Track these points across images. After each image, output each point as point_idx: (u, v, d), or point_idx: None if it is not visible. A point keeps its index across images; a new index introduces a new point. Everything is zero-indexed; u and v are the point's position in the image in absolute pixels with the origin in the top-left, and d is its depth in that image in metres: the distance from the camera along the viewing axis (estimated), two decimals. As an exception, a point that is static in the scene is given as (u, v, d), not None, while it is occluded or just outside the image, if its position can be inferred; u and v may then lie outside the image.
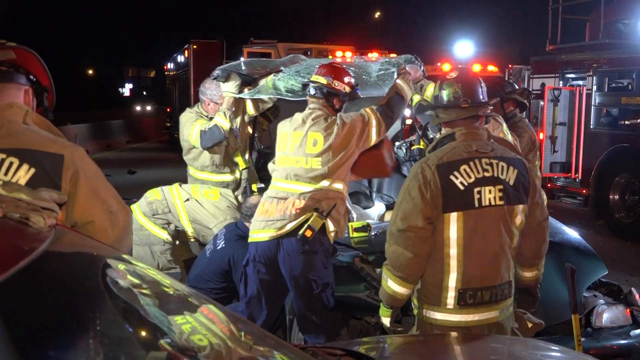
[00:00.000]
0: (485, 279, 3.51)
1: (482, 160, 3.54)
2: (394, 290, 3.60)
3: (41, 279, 1.91)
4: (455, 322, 3.52)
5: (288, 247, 4.46)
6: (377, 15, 47.57)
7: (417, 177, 3.54)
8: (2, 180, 2.50)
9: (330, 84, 4.73)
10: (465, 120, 3.68)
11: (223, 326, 2.39)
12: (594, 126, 11.46)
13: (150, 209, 5.67)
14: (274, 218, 4.51)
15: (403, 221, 3.51)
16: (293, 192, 4.55)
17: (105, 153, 25.36)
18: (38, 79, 2.91)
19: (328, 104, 4.76)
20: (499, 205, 3.52)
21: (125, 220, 2.84)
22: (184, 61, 24.63)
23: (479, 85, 3.76)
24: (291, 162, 4.62)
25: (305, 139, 4.60)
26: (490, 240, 3.52)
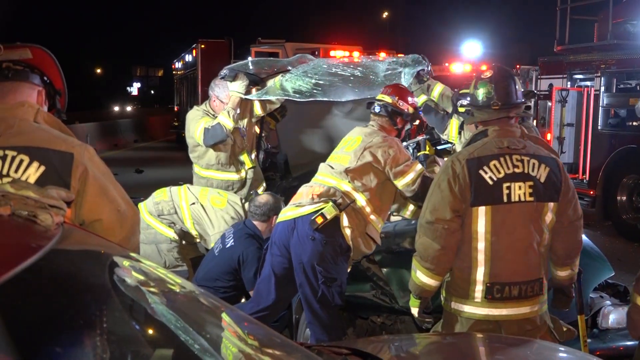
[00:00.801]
0: (514, 274, 3.56)
1: (512, 157, 3.59)
2: (422, 281, 3.68)
3: (48, 276, 1.92)
4: (482, 316, 3.58)
5: (301, 231, 4.53)
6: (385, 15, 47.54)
7: (447, 171, 3.62)
8: (13, 177, 2.51)
9: (395, 103, 4.90)
10: (498, 120, 3.73)
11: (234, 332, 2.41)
12: (601, 127, 11.42)
13: (157, 209, 5.69)
14: (297, 202, 4.67)
15: (432, 213, 3.59)
16: (319, 182, 4.73)
17: (113, 152, 25.41)
18: (52, 81, 2.94)
19: (391, 122, 4.91)
20: (528, 201, 3.56)
21: (133, 219, 2.85)
22: (191, 60, 24.65)
23: (513, 86, 3.77)
24: (331, 158, 4.86)
25: (353, 139, 4.82)
26: (518, 236, 3.57)
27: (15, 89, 2.80)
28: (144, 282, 2.28)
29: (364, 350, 2.76)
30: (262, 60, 6.67)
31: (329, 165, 4.81)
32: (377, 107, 4.92)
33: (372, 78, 5.66)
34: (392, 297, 4.78)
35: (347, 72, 5.77)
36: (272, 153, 7.49)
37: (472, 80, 3.95)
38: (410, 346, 3.33)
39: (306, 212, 4.55)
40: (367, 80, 5.65)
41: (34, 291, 1.84)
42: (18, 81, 2.82)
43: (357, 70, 5.77)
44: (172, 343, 2.10)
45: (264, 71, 5.98)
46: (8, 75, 2.80)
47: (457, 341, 3.38)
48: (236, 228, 5.35)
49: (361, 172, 4.64)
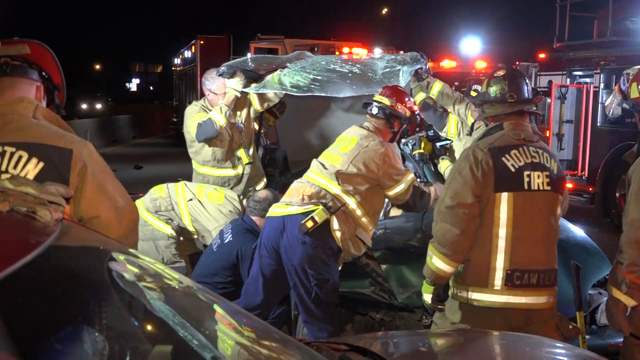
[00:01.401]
0: (533, 262, 3.63)
1: (529, 148, 3.71)
2: (438, 267, 3.71)
3: (47, 272, 1.92)
4: (501, 304, 3.62)
5: (290, 234, 4.48)
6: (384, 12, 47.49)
7: (469, 158, 3.68)
8: (12, 173, 2.51)
9: (393, 106, 4.85)
10: (510, 116, 3.83)
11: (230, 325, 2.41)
12: (600, 124, 11.42)
13: (154, 206, 5.68)
14: (288, 200, 4.62)
15: (452, 199, 3.64)
16: (310, 180, 4.67)
17: (112, 148, 25.39)
18: (50, 76, 2.92)
19: (388, 125, 4.87)
20: (546, 190, 3.68)
21: (131, 216, 2.85)
22: (191, 56, 24.65)
23: (525, 83, 3.91)
24: (324, 156, 4.79)
25: (344, 140, 4.77)
26: (538, 224, 3.66)
27: (13, 84, 2.80)
28: (143, 278, 2.28)
29: (363, 347, 2.77)
30: (261, 57, 6.68)
31: (322, 163, 4.74)
32: (374, 108, 4.87)
33: (370, 75, 5.65)
34: (391, 293, 4.78)
35: (345, 68, 5.76)
36: (271, 149, 7.49)
37: (484, 80, 4.05)
38: (409, 343, 3.33)
39: (295, 213, 4.50)
40: (365, 77, 5.64)
41: (33, 287, 1.85)
42: (16, 76, 2.81)
43: (356, 67, 5.76)
44: (171, 339, 2.10)
45: (262, 67, 5.97)
46: (6, 70, 2.80)
47: (455, 337, 3.38)
48: (234, 224, 5.35)
49: (352, 176, 4.59)
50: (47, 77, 2.91)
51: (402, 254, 5.01)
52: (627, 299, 3.63)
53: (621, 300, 3.65)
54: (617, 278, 3.67)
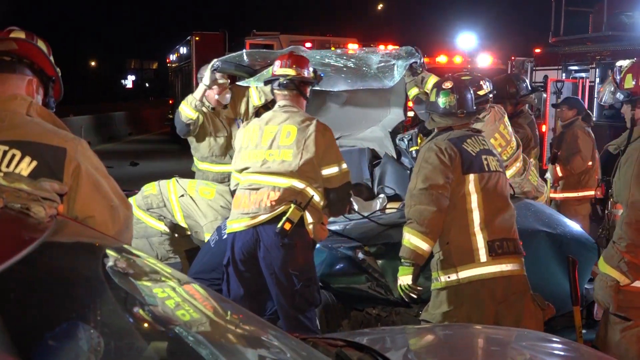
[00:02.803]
0: (505, 231, 4.02)
1: (478, 137, 4.21)
2: (417, 245, 3.94)
3: (41, 269, 1.91)
4: (491, 274, 3.91)
5: (267, 241, 4.39)
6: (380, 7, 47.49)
7: (432, 149, 4.06)
8: (4, 171, 2.49)
9: (301, 74, 4.73)
10: (458, 125, 4.26)
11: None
12: (596, 119, 11.42)
13: (145, 203, 5.66)
14: (248, 210, 4.44)
15: (424, 182, 3.97)
16: (267, 184, 4.47)
17: (107, 145, 25.35)
18: (43, 68, 2.90)
19: (300, 94, 4.75)
20: (499, 171, 4.16)
21: (125, 214, 2.83)
22: (186, 53, 24.63)
23: (470, 95, 4.30)
24: (263, 155, 4.53)
25: (280, 131, 4.54)
26: (500, 199, 4.09)
27: (4, 81, 2.77)
28: (137, 274, 2.27)
29: (359, 342, 2.76)
30: (256, 51, 6.64)
31: (265, 164, 4.52)
32: (283, 82, 4.69)
33: (365, 70, 5.64)
34: (388, 289, 4.79)
35: (340, 63, 5.75)
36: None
37: (432, 89, 4.38)
38: (406, 338, 3.33)
39: (267, 220, 4.39)
40: (360, 71, 5.63)
41: (27, 284, 1.84)
42: (6, 73, 2.78)
43: (350, 61, 5.76)
44: (166, 336, 2.09)
45: (257, 63, 5.96)
46: None
47: (452, 332, 3.39)
48: (231, 220, 5.35)
49: (308, 165, 4.46)
50: (39, 69, 2.88)
51: (398, 250, 5.00)
52: (622, 277, 3.89)
53: (615, 278, 3.89)
54: (613, 257, 3.91)
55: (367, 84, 5.53)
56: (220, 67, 5.71)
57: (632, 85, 4.05)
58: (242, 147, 4.68)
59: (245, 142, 4.66)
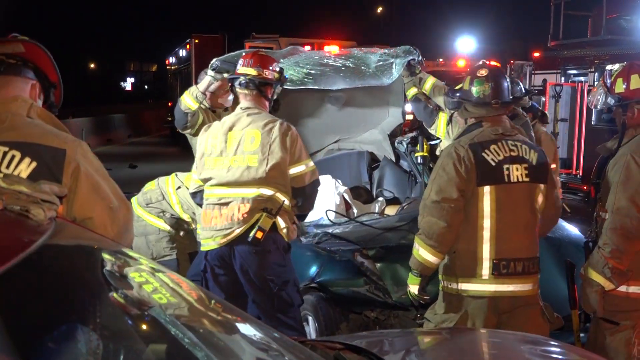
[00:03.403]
0: (517, 251, 3.80)
1: (508, 142, 3.86)
2: (425, 258, 3.84)
3: (41, 271, 1.91)
4: (490, 292, 3.77)
5: (241, 249, 4.33)
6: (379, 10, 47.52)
7: (451, 155, 3.83)
8: (4, 173, 2.50)
9: (261, 74, 4.57)
10: (492, 116, 3.97)
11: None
12: (595, 122, 11.46)
13: (145, 199, 5.67)
14: (221, 227, 4.36)
15: (438, 194, 3.79)
16: (235, 197, 4.37)
17: (106, 147, 25.34)
18: (46, 74, 2.91)
19: (261, 95, 4.60)
20: (525, 182, 3.84)
21: (125, 216, 2.84)
22: (185, 55, 24.66)
23: (506, 85, 4.04)
24: (227, 164, 4.42)
25: (244, 137, 4.42)
26: (519, 214, 3.82)
27: (8, 83, 2.78)
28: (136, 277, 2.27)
29: (358, 345, 2.77)
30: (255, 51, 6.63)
31: (230, 170, 4.40)
32: (242, 82, 4.55)
33: (363, 69, 5.65)
34: (386, 291, 4.79)
35: (338, 62, 5.76)
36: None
37: (466, 76, 4.11)
38: (404, 341, 3.33)
39: (240, 233, 4.30)
40: (358, 70, 5.64)
41: (26, 286, 1.84)
42: (11, 75, 2.80)
43: (349, 61, 5.76)
44: (165, 338, 2.09)
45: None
46: (1, 69, 2.78)
47: (449, 335, 3.39)
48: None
49: (276, 170, 4.35)
50: (43, 75, 2.90)
51: (396, 253, 5.01)
52: (607, 282, 3.89)
53: (600, 284, 3.89)
54: (598, 262, 3.90)
55: (365, 82, 5.55)
56: (219, 66, 5.70)
57: (622, 89, 4.05)
58: (205, 153, 4.54)
59: (209, 149, 4.53)
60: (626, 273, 3.87)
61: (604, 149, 4.22)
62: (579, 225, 6.56)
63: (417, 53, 5.88)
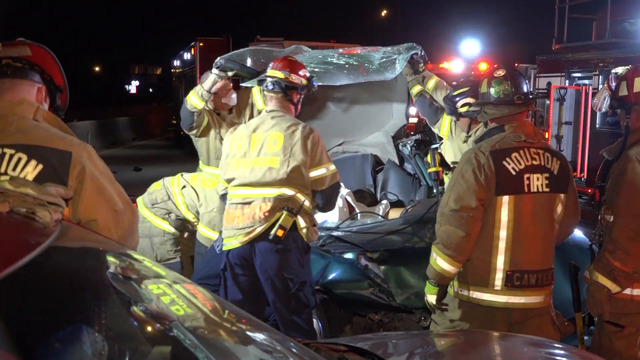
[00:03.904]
0: (532, 263, 3.72)
1: (530, 150, 3.76)
2: (443, 268, 3.76)
3: (47, 273, 1.92)
4: (502, 303, 3.71)
5: (262, 248, 4.40)
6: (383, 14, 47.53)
7: (471, 162, 3.73)
8: (11, 175, 2.51)
9: (288, 78, 4.69)
10: (513, 116, 3.87)
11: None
12: (599, 126, 11.42)
13: (150, 199, 5.69)
14: (243, 225, 4.44)
15: (456, 202, 3.69)
16: (257, 197, 4.46)
17: (111, 150, 25.39)
18: (52, 78, 2.93)
19: (286, 98, 4.71)
20: (545, 192, 3.75)
21: (130, 219, 2.84)
22: (190, 58, 24.64)
23: (525, 81, 3.97)
24: (250, 165, 4.52)
25: (267, 139, 4.52)
26: (537, 225, 3.74)
27: (14, 86, 2.80)
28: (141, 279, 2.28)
29: (362, 347, 2.77)
30: (259, 49, 6.63)
31: (253, 172, 4.49)
32: (269, 84, 4.70)
33: (366, 66, 5.66)
34: (390, 294, 4.79)
35: (341, 60, 5.78)
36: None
37: (483, 79, 4.05)
38: (408, 343, 3.34)
39: (261, 232, 4.39)
40: (362, 67, 5.65)
41: (32, 288, 1.85)
42: (17, 78, 2.81)
43: (352, 59, 5.78)
44: (170, 340, 2.10)
45: (260, 64, 5.97)
46: (7, 72, 2.80)
47: (453, 338, 3.40)
48: (237, 227, 5.37)
49: (296, 171, 4.44)
50: (49, 79, 2.91)
51: (400, 256, 5.02)
52: (613, 285, 3.86)
53: (606, 286, 3.86)
54: (604, 265, 3.87)
55: (369, 78, 5.56)
56: (224, 64, 5.71)
57: (626, 92, 4.04)
58: (230, 154, 4.65)
59: (233, 150, 4.64)
60: (632, 275, 3.85)
61: (609, 152, 4.19)
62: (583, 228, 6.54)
63: (420, 48, 5.87)
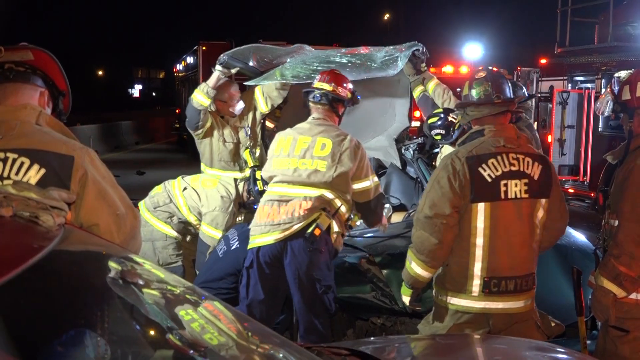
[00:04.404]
0: (510, 269, 3.69)
1: (509, 155, 3.72)
2: (417, 272, 3.79)
3: (50, 276, 1.93)
4: (479, 309, 3.69)
5: (295, 246, 4.45)
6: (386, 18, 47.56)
7: (447, 168, 3.71)
8: (13, 179, 2.52)
9: (335, 90, 4.86)
10: (495, 117, 3.85)
11: (231, 325, 2.41)
12: (602, 129, 11.43)
13: (152, 202, 5.70)
14: (280, 221, 4.50)
15: (431, 208, 3.68)
16: (298, 196, 4.55)
17: (114, 154, 25.41)
18: (55, 82, 2.93)
19: (332, 110, 4.88)
20: (523, 198, 3.71)
21: (132, 223, 2.84)
22: (193, 62, 24.64)
23: (507, 83, 3.93)
24: (295, 164, 4.63)
25: (314, 142, 4.66)
26: (514, 232, 3.70)
27: (17, 90, 2.80)
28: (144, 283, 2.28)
29: (364, 352, 2.77)
30: (262, 46, 6.64)
31: (297, 171, 4.62)
32: (317, 95, 4.87)
33: (369, 64, 5.69)
34: (392, 298, 4.79)
35: (344, 59, 5.81)
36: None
37: (465, 83, 4.04)
38: (410, 347, 3.34)
39: (299, 229, 4.46)
40: (364, 66, 5.68)
41: (35, 291, 1.86)
42: (20, 82, 2.82)
43: (355, 57, 5.82)
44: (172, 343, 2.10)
45: (264, 65, 5.99)
46: (10, 76, 2.80)
47: (456, 342, 3.39)
48: (240, 230, 5.36)
49: (342, 178, 4.57)
50: (52, 83, 2.92)
51: (403, 260, 4.99)
52: (619, 290, 3.82)
53: (612, 291, 3.82)
54: (610, 270, 3.83)
55: (371, 74, 5.60)
56: (227, 61, 5.74)
57: (628, 97, 4.00)
58: (274, 154, 4.79)
59: (278, 150, 4.77)
60: (638, 280, 3.83)
61: (612, 156, 4.17)
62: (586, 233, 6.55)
63: (422, 46, 5.87)
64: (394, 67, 5.60)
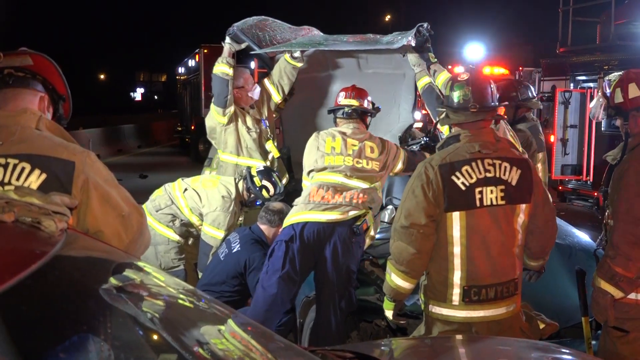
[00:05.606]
0: (490, 277, 3.63)
1: (484, 161, 3.65)
2: (397, 284, 3.74)
3: (52, 282, 1.93)
4: (460, 318, 3.64)
5: (341, 233, 4.68)
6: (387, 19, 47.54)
7: (421, 177, 3.66)
8: (14, 185, 2.51)
9: (362, 105, 5.28)
10: (473, 123, 3.77)
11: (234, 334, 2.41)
12: (605, 128, 11.39)
13: (154, 206, 5.71)
14: (339, 202, 4.78)
15: (407, 218, 3.63)
16: (354, 187, 4.90)
17: (117, 157, 25.44)
18: (55, 87, 2.93)
19: (363, 122, 5.28)
20: (500, 205, 3.64)
21: (138, 221, 2.84)
22: (194, 65, 24.67)
23: (489, 89, 3.82)
24: (350, 162, 4.99)
25: (363, 146, 5.07)
26: (492, 239, 3.63)
27: (17, 95, 2.80)
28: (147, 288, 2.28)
29: (368, 354, 2.76)
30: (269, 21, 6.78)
31: (355, 168, 4.97)
32: (347, 112, 5.25)
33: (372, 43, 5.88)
34: (396, 300, 4.78)
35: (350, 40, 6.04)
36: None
37: (448, 82, 3.99)
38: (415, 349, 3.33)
39: (352, 217, 4.75)
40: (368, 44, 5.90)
41: (38, 297, 1.85)
42: (20, 87, 2.82)
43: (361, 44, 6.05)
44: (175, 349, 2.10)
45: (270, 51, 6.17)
46: (9, 81, 2.80)
47: (460, 343, 3.38)
48: (242, 233, 5.37)
49: (383, 180, 5.11)
50: (52, 87, 2.92)
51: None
52: (616, 291, 3.80)
53: (609, 292, 3.81)
54: (606, 271, 3.82)
55: (375, 46, 5.82)
56: (235, 33, 5.94)
57: (621, 100, 3.96)
58: (326, 152, 5.07)
59: (329, 148, 5.08)
60: (635, 280, 3.82)
61: (610, 157, 4.16)
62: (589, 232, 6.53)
63: (425, 27, 5.78)
64: (399, 42, 5.60)
